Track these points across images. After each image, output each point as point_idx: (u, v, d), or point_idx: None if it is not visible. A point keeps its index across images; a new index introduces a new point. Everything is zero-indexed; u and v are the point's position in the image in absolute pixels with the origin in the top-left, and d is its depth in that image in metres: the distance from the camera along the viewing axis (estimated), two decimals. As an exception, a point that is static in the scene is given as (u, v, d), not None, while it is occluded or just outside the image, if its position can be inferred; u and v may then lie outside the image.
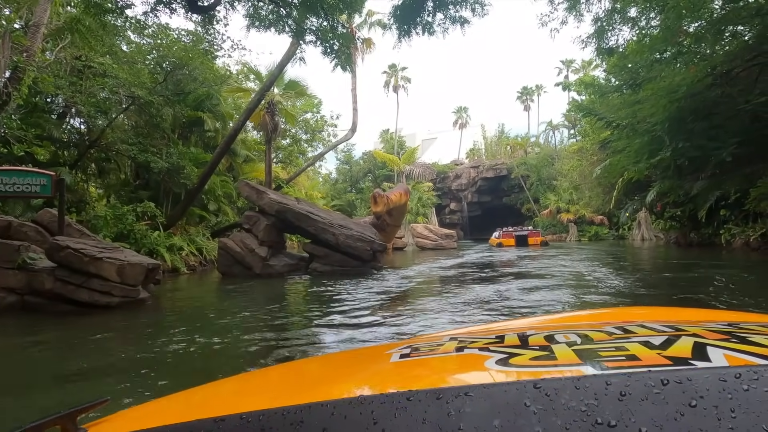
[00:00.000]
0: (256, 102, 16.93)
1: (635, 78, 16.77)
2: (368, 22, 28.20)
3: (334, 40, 14.14)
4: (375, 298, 10.56)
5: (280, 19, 13.41)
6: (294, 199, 16.03)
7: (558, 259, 20.93)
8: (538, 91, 64.59)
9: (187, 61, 16.93)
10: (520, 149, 54.64)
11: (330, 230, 14.48)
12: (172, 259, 16.13)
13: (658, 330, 0.84)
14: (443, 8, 13.93)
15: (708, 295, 9.52)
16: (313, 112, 29.70)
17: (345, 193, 56.63)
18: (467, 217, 57.30)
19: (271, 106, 18.93)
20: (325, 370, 1.03)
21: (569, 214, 43.29)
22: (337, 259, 14.71)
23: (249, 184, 15.42)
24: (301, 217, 14.51)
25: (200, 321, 8.17)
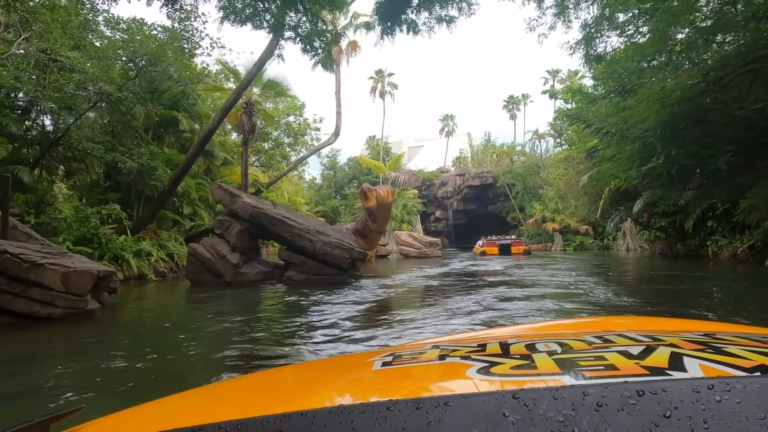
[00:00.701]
0: (232, 101, 16.14)
1: (624, 84, 16.35)
2: (353, 24, 27.63)
3: (314, 37, 13.48)
4: (351, 309, 9.87)
5: (257, 14, 12.68)
6: (270, 203, 15.25)
7: (543, 269, 20.43)
8: (524, 101, 64.65)
9: (160, 57, 16.08)
10: (506, 158, 54.44)
11: (307, 236, 13.72)
12: (139, 266, 15.21)
13: (636, 339, 0.85)
14: (428, 7, 13.35)
15: (698, 309, 9.11)
16: (296, 115, 28.93)
17: (329, 199, 55.87)
18: (452, 225, 56.81)
19: (249, 106, 18.12)
20: (306, 378, 1.01)
21: (555, 223, 43.02)
22: (313, 267, 13.95)
23: (222, 186, 14.62)
24: (276, 222, 13.74)
25: (154, 335, 7.36)
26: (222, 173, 23.95)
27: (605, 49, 20.43)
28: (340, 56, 27.20)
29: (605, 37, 20.31)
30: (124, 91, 16.54)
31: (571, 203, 38.46)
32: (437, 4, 13.32)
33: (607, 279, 16.51)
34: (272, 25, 13.22)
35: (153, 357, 5.67)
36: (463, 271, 20.56)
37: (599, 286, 13.71)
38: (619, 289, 12.90)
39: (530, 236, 45.56)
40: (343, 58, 27.37)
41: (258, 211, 13.71)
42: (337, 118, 26.35)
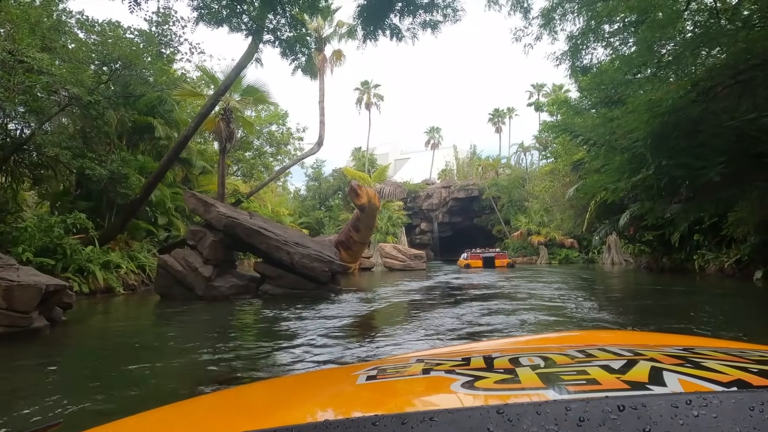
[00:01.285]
0: (209, 107, 15.49)
1: (611, 96, 16.07)
2: (338, 33, 27.23)
3: (294, 41, 12.99)
4: (328, 326, 9.27)
5: (234, 15, 12.15)
6: (247, 214, 14.57)
7: (528, 282, 19.98)
8: (509, 114, 64.90)
9: (134, 60, 15.42)
10: (491, 170, 54.34)
11: (284, 248, 13.07)
12: (107, 278, 14.38)
13: (617, 354, 0.87)
14: (412, 12, 12.94)
15: (685, 325, 8.74)
16: (278, 124, 28.33)
17: (313, 211, 55.13)
18: (437, 238, 56.39)
19: (227, 112, 17.46)
20: (288, 393, 1.01)
21: (540, 236, 42.81)
22: (291, 281, 13.29)
23: (196, 195, 13.92)
24: (252, 233, 13.07)
25: (103, 358, 6.64)
26: (200, 182, 23.19)
27: (591, 60, 20.32)
28: (324, 65, 26.74)
29: (591, 48, 20.22)
30: (96, 95, 15.83)
31: (556, 216, 38.33)
32: (421, 10, 12.92)
33: (593, 293, 16.13)
34: (250, 28, 12.70)
35: (91, 387, 4.98)
36: (448, 285, 20.02)
37: (584, 300, 13.29)
38: (605, 304, 12.51)
39: (515, 249, 45.31)
40: (327, 67, 26.91)
41: (233, 222, 13.04)
42: (320, 127, 25.81)
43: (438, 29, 12.96)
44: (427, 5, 12.80)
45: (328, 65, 27.05)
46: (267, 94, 18.63)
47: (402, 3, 12.20)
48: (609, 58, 19.38)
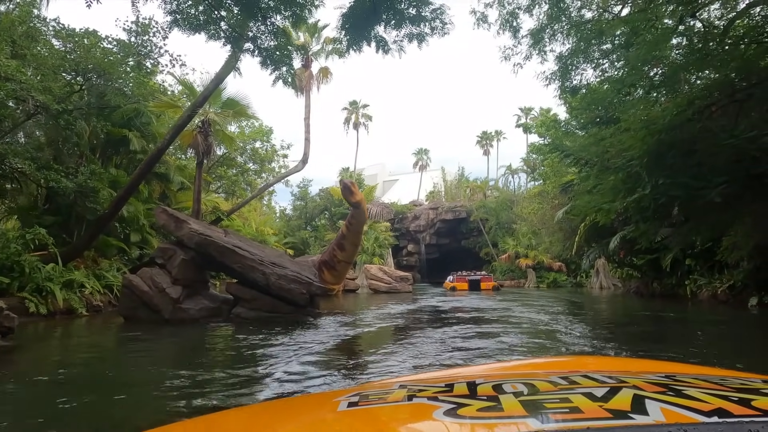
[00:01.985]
0: (185, 119, 14.76)
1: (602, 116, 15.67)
2: (325, 51, 26.84)
3: (275, 50, 12.38)
4: (304, 352, 8.50)
5: (212, 21, 11.53)
6: (221, 231, 13.75)
7: (516, 307, 19.27)
8: (497, 137, 65.11)
9: (107, 69, 14.71)
10: (479, 192, 54.05)
11: (259, 268, 12.24)
12: (68, 298, 13.37)
13: (600, 381, 0.86)
14: (397, 26, 12.44)
15: (679, 354, 8.13)
16: (263, 141, 27.65)
17: (299, 230, 54.20)
18: (425, 260, 55.62)
19: (205, 125, 16.74)
20: (267, 419, 0.99)
21: (528, 259, 42.30)
22: (266, 303, 12.43)
23: (167, 211, 13.08)
24: (226, 251, 12.24)
25: (36, 395, 5.76)
26: (179, 199, 22.30)
27: (581, 81, 20.10)
28: (311, 82, 26.26)
29: (581, 69, 20.02)
30: (67, 104, 15.05)
31: (544, 239, 37.96)
32: (408, 22, 12.42)
33: (581, 318, 15.49)
34: (229, 36, 12.08)
35: (29, 425, 4.12)
36: (434, 309, 19.25)
37: (573, 325, 12.64)
38: (594, 330, 11.92)
39: (503, 272, 44.73)
40: (313, 84, 26.43)
41: (205, 239, 12.21)
42: (305, 144, 25.19)
43: (425, 42, 12.43)
44: (414, 18, 12.29)
45: (314, 82, 26.57)
46: (248, 108, 17.96)
47: (387, 14, 11.70)
48: (599, 79, 19.21)
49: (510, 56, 19.80)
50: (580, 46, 18.64)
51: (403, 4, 11.98)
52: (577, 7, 18.59)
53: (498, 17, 19.26)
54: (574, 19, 18.68)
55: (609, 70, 19.37)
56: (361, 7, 11.13)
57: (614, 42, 18.42)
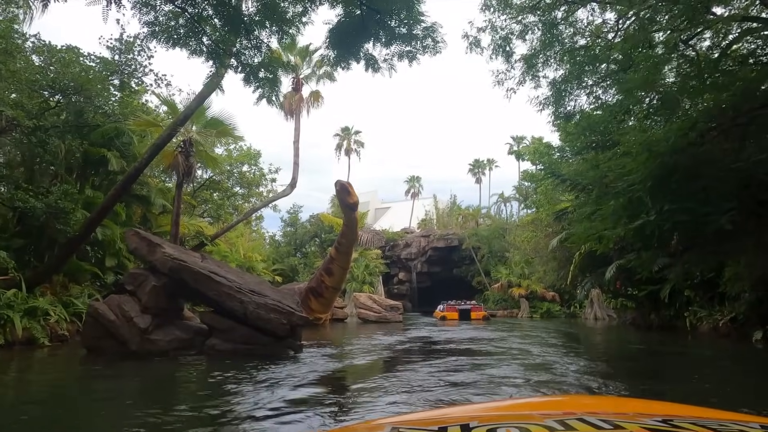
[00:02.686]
0: (165, 137, 14.08)
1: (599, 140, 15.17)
2: (316, 74, 26.53)
3: (259, 67, 11.83)
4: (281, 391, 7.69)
5: (192, 35, 10.97)
6: (198, 256, 12.93)
7: (510, 339, 18.41)
8: (489, 165, 65.11)
9: (85, 85, 14.09)
10: (471, 220, 53.53)
11: (237, 297, 11.38)
12: (30, 327, 12.38)
13: (596, 426, 0.84)
14: (387, 44, 11.95)
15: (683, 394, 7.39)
16: (250, 164, 27.01)
17: (288, 257, 53.17)
18: (416, 288, 54.59)
19: (186, 145, 16.06)
20: None
21: (521, 288, 41.45)
22: (243, 335, 11.52)
23: (139, 233, 12.26)
24: (200, 278, 11.40)
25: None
26: (160, 222, 21.45)
27: (575, 107, 19.80)
28: (301, 105, 25.83)
29: (574, 96, 19.74)
30: (42, 121, 14.38)
31: (538, 268, 37.32)
32: (399, 41, 11.94)
33: (578, 353, 14.69)
34: (212, 52, 11.51)
35: None
36: (425, 340, 18.34)
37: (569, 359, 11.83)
38: (592, 366, 11.11)
39: (496, 302, 43.83)
40: (303, 107, 26.00)
41: (179, 265, 11.36)
42: (294, 168, 24.57)
43: (417, 60, 11.94)
44: (405, 36, 11.81)
45: (304, 106, 26.15)
46: (232, 128, 17.35)
47: (376, 31, 11.21)
48: (592, 106, 18.93)
49: (503, 81, 19.45)
50: (574, 72, 18.39)
51: (394, 21, 11.52)
52: (570, 34, 18.45)
53: (491, 42, 19.04)
54: (567, 46, 18.49)
55: (603, 97, 19.15)
56: (350, 23, 10.65)
57: (608, 68, 18.21)
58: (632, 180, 9.97)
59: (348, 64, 11.80)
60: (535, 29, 18.66)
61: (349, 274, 43.69)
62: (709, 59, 12.88)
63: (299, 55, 25.32)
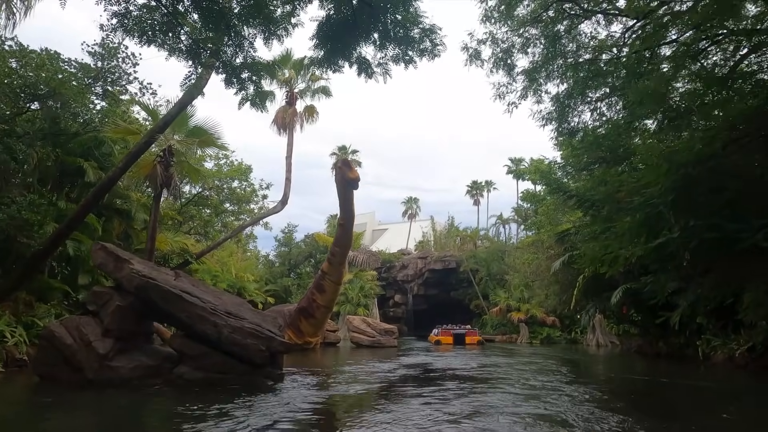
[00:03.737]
0: (143, 145, 13.06)
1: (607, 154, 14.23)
2: (311, 89, 25.73)
3: (242, 69, 10.91)
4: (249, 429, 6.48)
5: (169, 31, 10.05)
6: (171, 273, 11.78)
7: (514, 367, 17.16)
8: (487, 187, 64.33)
9: (59, 89, 13.15)
10: (470, 242, 52.43)
11: (210, 319, 10.21)
12: (-20, 350, 11.15)
13: None
14: (384, 46, 11.05)
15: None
16: (241, 180, 25.99)
17: (282, 278, 51.81)
18: (412, 311, 53.06)
19: (167, 154, 15.04)
20: None
21: (520, 313, 40.07)
22: (216, 362, 10.32)
23: (106, 247, 11.13)
24: (171, 297, 10.24)
25: None
26: (142, 239, 20.24)
27: (578, 123, 18.96)
28: (294, 119, 24.97)
29: (578, 111, 18.91)
30: (11, 126, 13.40)
31: (538, 292, 36.19)
32: (394, 43, 11.03)
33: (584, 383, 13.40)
34: (191, 50, 10.59)
35: None
36: (421, 366, 17.07)
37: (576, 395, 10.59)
38: (602, 401, 9.90)
39: (494, 326, 42.45)
40: (297, 122, 25.13)
41: (147, 282, 10.22)
42: (285, 185, 23.57)
43: (414, 64, 11.03)
44: (401, 39, 10.90)
45: (298, 120, 25.29)
46: (217, 138, 16.36)
47: (369, 30, 10.31)
48: (597, 123, 18.17)
49: (504, 94, 18.59)
50: (577, 88, 17.59)
51: (389, 21, 10.63)
52: (573, 49, 17.70)
53: (491, 55, 18.21)
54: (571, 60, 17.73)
55: (608, 113, 18.29)
56: (341, 20, 9.75)
57: (614, 83, 17.41)
58: (651, 194, 8.95)
59: (338, 65, 10.86)
60: (537, 42, 17.91)
61: (344, 297, 42.43)
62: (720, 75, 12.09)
63: (294, 68, 24.58)
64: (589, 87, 17.20)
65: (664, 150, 8.79)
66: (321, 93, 25.92)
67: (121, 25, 9.43)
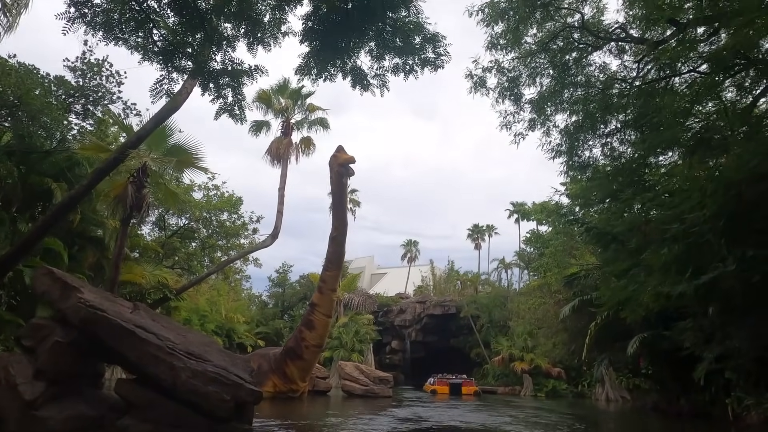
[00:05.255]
0: (112, 162, 11.69)
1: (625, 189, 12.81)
2: (308, 120, 24.73)
3: (222, 74, 9.70)
4: None
5: (139, 28, 8.88)
6: (130, 305, 10.14)
7: (517, 424, 15.17)
8: (489, 231, 62.92)
9: (24, 97, 11.97)
10: (470, 286, 50.49)
11: (166, 360, 8.52)
12: None
13: None
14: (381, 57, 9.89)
15: None
16: (230, 212, 24.59)
17: (274, 320, 49.72)
18: (409, 359, 50.53)
19: (141, 174, 13.59)
20: None
21: (524, 363, 37.66)
22: (169, 413, 8.55)
23: (54, 273, 9.55)
24: (120, 333, 8.59)
25: None
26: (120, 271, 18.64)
27: (589, 157, 17.88)
28: (290, 150, 23.83)
29: (588, 145, 17.89)
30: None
31: (541, 341, 34.18)
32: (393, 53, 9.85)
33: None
34: (164, 51, 9.41)
35: None
36: (417, 422, 15.07)
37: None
38: None
39: (496, 377, 40.01)
40: (292, 153, 23.98)
41: (94, 314, 8.59)
42: (277, 217, 22.15)
43: (414, 74, 9.82)
44: (402, 49, 9.72)
45: (293, 151, 24.14)
46: (198, 158, 14.96)
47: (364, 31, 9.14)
48: (608, 157, 17.15)
49: (511, 124, 17.62)
50: (587, 122, 16.67)
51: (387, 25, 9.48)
52: (582, 81, 16.85)
53: (497, 85, 17.29)
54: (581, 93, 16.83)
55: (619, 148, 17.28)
56: (330, 13, 8.58)
57: (626, 119, 16.50)
58: (693, 220, 7.46)
59: (329, 72, 9.65)
60: (545, 73, 17.01)
61: (337, 341, 40.19)
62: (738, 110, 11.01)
63: (290, 97, 23.67)
64: (600, 121, 16.23)
65: (713, 168, 7.40)
66: (318, 125, 24.93)
67: (80, 15, 8.27)
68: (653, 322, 18.06)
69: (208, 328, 32.98)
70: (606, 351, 21.73)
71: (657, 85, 15.31)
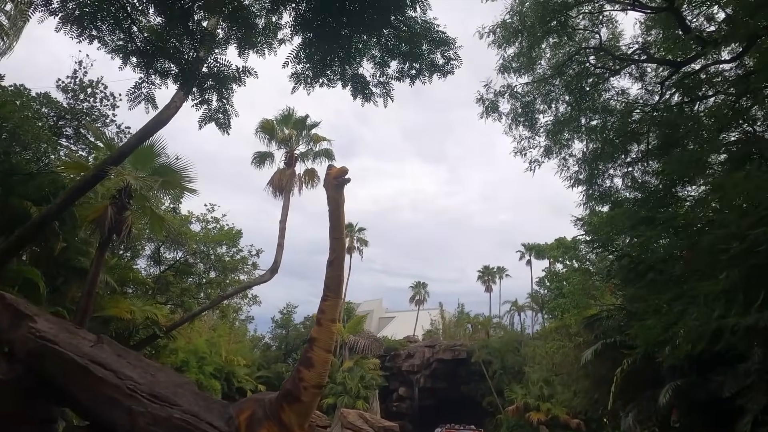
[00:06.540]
0: (90, 179, 10.66)
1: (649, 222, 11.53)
2: (313, 152, 23.95)
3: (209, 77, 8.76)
4: None
5: (116, 25, 8.00)
6: (92, 338, 8.81)
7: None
8: (500, 273, 61.10)
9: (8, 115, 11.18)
10: (482, 330, 48.35)
11: (124, 403, 7.15)
12: None
13: None
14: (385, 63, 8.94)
15: None
16: (229, 245, 23.49)
17: (276, 363, 47.76)
18: (418, 407, 47.82)
19: (123, 194, 12.49)
20: None
21: (540, 413, 35.23)
22: (124, 470, 7.09)
23: (5, 298, 8.30)
24: (73, 369, 7.27)
25: None
26: (104, 305, 17.32)
27: (610, 187, 16.88)
28: (293, 181, 22.91)
29: (609, 174, 16.92)
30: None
31: (559, 389, 31.91)
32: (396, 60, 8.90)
33: None
34: (144, 52, 8.49)
35: None
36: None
37: None
38: None
39: (510, 428, 37.45)
40: (295, 184, 23.07)
41: (44, 347, 7.30)
42: (277, 251, 20.99)
43: (422, 79, 8.84)
44: (407, 54, 8.77)
45: (296, 183, 23.24)
46: (186, 179, 13.87)
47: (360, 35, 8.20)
48: (629, 188, 16.20)
49: (525, 149, 16.76)
50: (606, 151, 15.78)
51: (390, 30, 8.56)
52: (600, 107, 16.06)
53: (510, 110, 16.55)
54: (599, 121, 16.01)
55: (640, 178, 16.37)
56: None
57: (647, 148, 15.62)
58: (758, 237, 6.12)
59: (326, 74, 8.69)
60: (560, 98, 16.22)
61: (341, 387, 38.13)
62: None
63: (294, 127, 22.97)
64: (621, 150, 15.30)
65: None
66: (323, 156, 24.11)
67: (46, 5, 7.41)
68: (685, 369, 16.36)
69: (206, 371, 31.32)
70: (633, 401, 19.73)
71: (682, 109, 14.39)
